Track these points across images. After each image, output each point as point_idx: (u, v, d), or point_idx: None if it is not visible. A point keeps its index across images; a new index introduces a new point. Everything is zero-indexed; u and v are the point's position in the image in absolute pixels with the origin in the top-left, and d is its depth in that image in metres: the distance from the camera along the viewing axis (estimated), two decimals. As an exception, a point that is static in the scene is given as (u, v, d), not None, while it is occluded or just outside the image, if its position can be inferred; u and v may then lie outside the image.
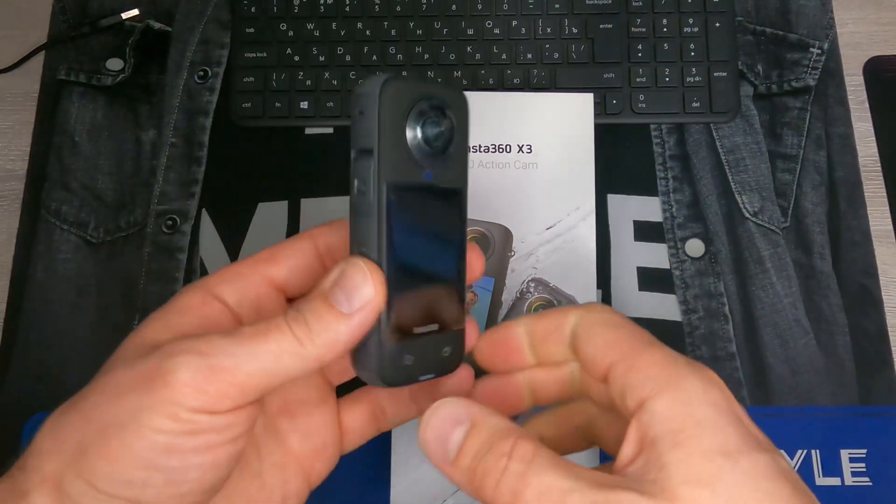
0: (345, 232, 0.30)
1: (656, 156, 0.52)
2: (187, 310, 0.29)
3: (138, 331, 0.29)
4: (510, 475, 0.25)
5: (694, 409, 0.25)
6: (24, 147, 0.53)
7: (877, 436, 0.46)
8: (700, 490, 0.23)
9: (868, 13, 0.56)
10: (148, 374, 0.26)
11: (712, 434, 0.24)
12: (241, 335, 0.26)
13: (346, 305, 0.27)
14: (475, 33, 0.54)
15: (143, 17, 0.56)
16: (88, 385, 0.28)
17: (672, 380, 0.26)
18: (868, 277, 0.49)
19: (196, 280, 0.31)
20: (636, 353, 0.27)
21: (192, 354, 0.26)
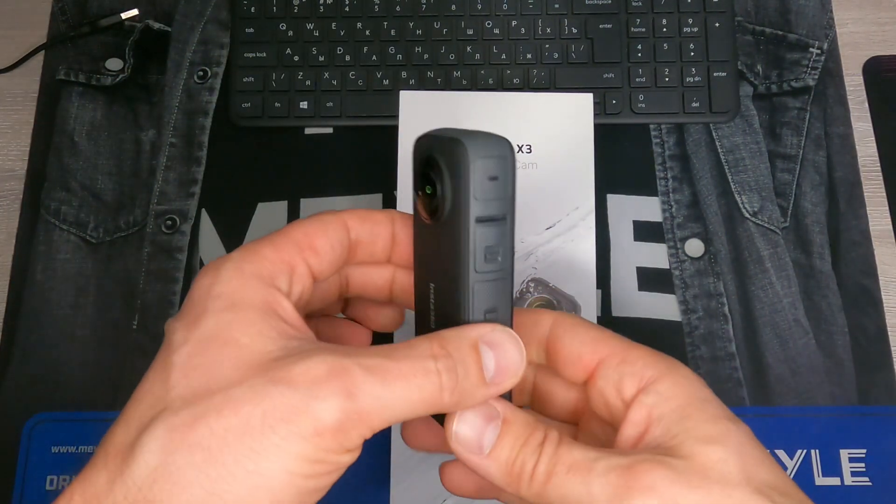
0: (380, 227, 0.30)
1: (656, 156, 0.52)
2: (267, 314, 0.26)
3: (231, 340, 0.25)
4: (545, 459, 0.26)
5: (694, 389, 0.28)
6: (23, 147, 0.53)
7: (876, 436, 0.46)
8: (713, 447, 0.25)
9: (867, 13, 0.56)
10: (290, 413, 0.23)
11: (714, 405, 0.27)
12: (387, 375, 0.25)
13: (490, 373, 0.27)
14: (475, 33, 0.54)
15: (142, 17, 0.56)
16: (188, 405, 0.24)
17: (668, 368, 0.28)
18: (867, 277, 0.49)
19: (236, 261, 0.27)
20: (625, 348, 0.29)
21: (342, 397, 0.24)
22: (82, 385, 0.48)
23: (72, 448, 0.46)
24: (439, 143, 0.27)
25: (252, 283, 0.26)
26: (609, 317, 0.48)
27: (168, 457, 0.23)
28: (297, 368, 0.24)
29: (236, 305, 0.26)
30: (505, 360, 0.27)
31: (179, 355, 0.25)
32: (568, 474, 0.25)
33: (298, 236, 0.29)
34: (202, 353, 0.25)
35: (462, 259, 0.27)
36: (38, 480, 0.45)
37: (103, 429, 0.25)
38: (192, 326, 0.26)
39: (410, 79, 0.53)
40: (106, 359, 0.48)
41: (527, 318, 0.31)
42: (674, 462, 0.25)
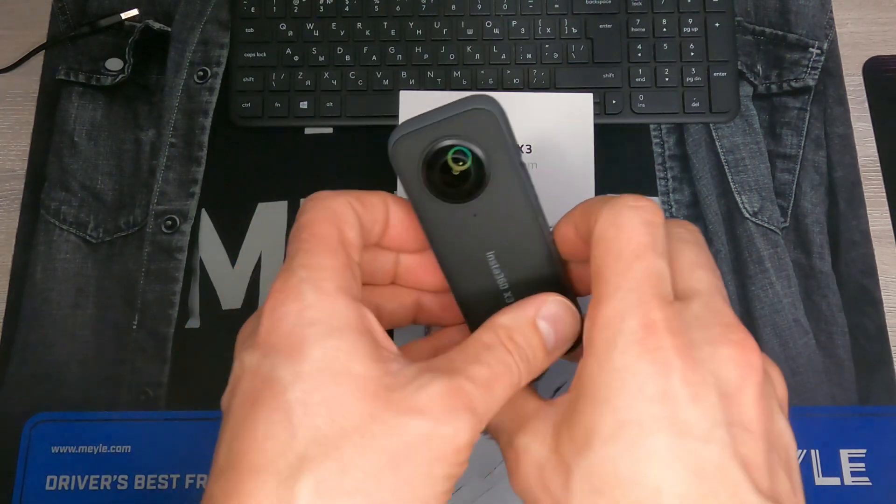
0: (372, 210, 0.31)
1: (656, 156, 0.52)
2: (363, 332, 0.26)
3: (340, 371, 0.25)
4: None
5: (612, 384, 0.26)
6: (23, 147, 0.53)
7: (876, 436, 0.46)
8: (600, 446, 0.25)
9: (867, 13, 0.56)
10: (430, 440, 0.24)
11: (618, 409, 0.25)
12: (490, 384, 0.26)
13: (551, 343, 0.28)
14: (475, 33, 0.54)
15: (142, 17, 0.56)
16: (324, 450, 0.23)
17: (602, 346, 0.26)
18: (867, 277, 0.49)
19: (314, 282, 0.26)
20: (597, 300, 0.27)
21: (470, 415, 0.25)
22: (82, 385, 0.48)
23: (72, 448, 0.46)
24: (448, 125, 0.28)
25: (340, 302, 0.26)
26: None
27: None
28: (419, 398, 0.25)
29: (337, 331, 0.25)
30: (562, 330, 0.29)
31: (295, 393, 0.24)
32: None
33: (329, 233, 0.28)
34: (319, 388, 0.24)
35: (531, 209, 0.29)
36: (38, 480, 0.45)
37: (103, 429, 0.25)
38: (297, 359, 0.25)
39: (410, 79, 0.53)
40: (106, 359, 0.48)
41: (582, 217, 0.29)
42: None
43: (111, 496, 0.45)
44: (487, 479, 0.43)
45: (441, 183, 0.29)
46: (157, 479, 0.45)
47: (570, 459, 0.25)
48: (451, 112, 0.28)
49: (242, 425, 0.24)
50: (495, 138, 0.28)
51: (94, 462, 0.46)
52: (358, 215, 0.30)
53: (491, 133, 0.28)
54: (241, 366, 0.26)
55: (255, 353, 0.25)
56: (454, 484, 0.25)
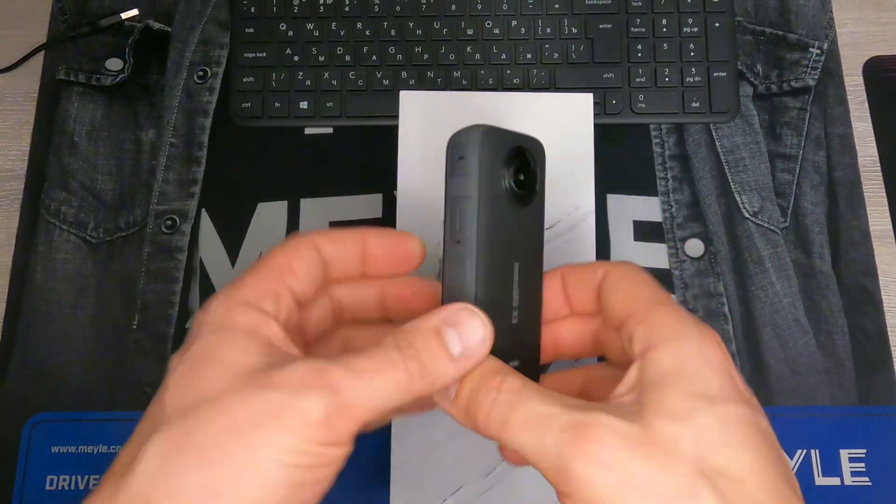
0: (347, 245, 0.32)
1: (656, 156, 0.52)
2: (252, 333, 0.28)
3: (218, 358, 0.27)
4: (499, 405, 0.27)
5: (685, 361, 0.27)
6: (23, 147, 0.53)
7: (876, 436, 0.46)
8: (672, 423, 0.25)
9: (867, 13, 0.56)
10: (278, 410, 0.25)
11: (696, 381, 0.26)
12: (360, 370, 0.27)
13: (457, 349, 0.28)
14: (475, 33, 0.54)
15: (142, 17, 0.56)
16: (182, 417, 0.26)
17: (673, 335, 0.28)
18: (867, 277, 0.49)
19: (225, 294, 0.29)
20: (651, 308, 0.29)
21: (325, 391, 0.26)
22: (82, 385, 0.48)
23: (72, 448, 0.46)
24: (518, 137, 0.31)
25: (237, 309, 0.29)
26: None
27: (165, 462, 0.25)
28: (279, 374, 0.26)
29: (221, 328, 0.28)
30: (469, 337, 0.28)
31: (172, 377, 0.27)
32: (524, 424, 0.26)
33: (276, 262, 0.31)
34: (190, 371, 0.27)
35: (541, 233, 0.33)
36: (38, 480, 0.45)
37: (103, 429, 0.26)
38: (184, 352, 0.28)
39: (410, 79, 0.53)
40: (106, 359, 0.48)
41: (585, 270, 0.33)
42: (628, 428, 0.25)
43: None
44: (487, 478, 0.43)
45: (512, 180, 0.31)
46: (157, 479, 0.45)
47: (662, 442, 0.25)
48: (514, 130, 0.32)
49: None
50: (542, 165, 0.32)
51: (94, 462, 0.46)
52: (320, 249, 0.32)
53: (540, 160, 0.32)
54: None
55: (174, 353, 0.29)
56: (303, 464, 0.25)
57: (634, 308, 0.29)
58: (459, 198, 0.30)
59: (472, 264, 0.30)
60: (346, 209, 0.51)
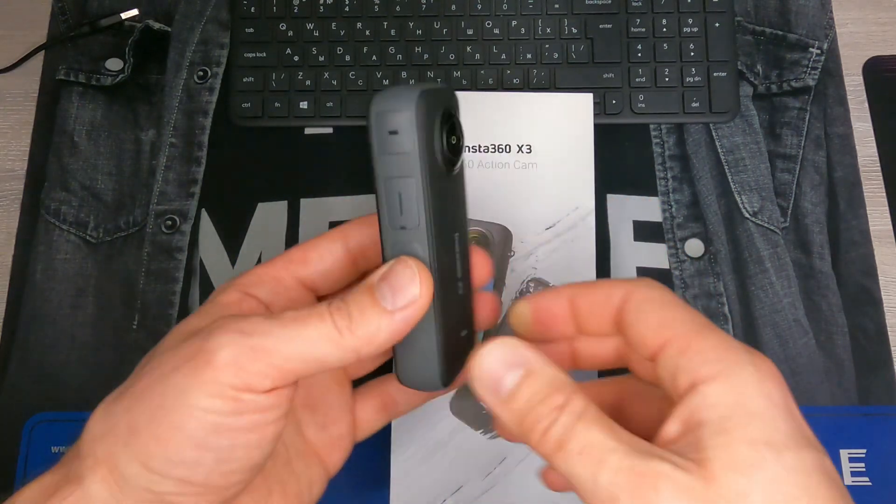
0: (372, 227, 0.31)
1: (656, 156, 0.52)
2: (225, 306, 0.30)
3: (179, 325, 0.30)
4: (559, 426, 0.25)
5: (746, 398, 0.25)
6: (23, 147, 0.53)
7: (876, 436, 0.46)
8: (738, 476, 0.23)
9: (867, 13, 0.56)
10: (191, 354, 0.26)
11: (761, 425, 0.24)
12: (283, 318, 0.27)
13: (390, 302, 0.27)
14: (475, 33, 0.54)
15: (142, 17, 0.56)
16: (135, 372, 0.28)
17: (727, 366, 0.25)
18: (867, 277, 0.49)
19: (229, 280, 0.32)
20: (692, 335, 0.26)
21: (234, 333, 0.26)
22: (82, 385, 0.48)
23: (72, 448, 0.46)
24: (441, 92, 0.28)
25: (226, 290, 0.31)
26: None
27: (108, 407, 0.27)
28: (205, 327, 0.27)
29: (204, 307, 0.30)
30: (403, 290, 0.27)
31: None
32: (579, 455, 0.24)
33: (293, 253, 0.32)
34: (166, 342, 0.29)
35: (465, 192, 0.30)
36: (38, 480, 0.45)
37: None
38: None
39: (410, 79, 0.53)
40: (106, 359, 0.48)
41: (599, 292, 0.29)
42: (691, 482, 0.23)
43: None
44: (487, 478, 0.43)
45: (447, 148, 0.28)
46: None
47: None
48: (435, 85, 0.28)
49: None
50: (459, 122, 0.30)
51: (94, 462, 0.46)
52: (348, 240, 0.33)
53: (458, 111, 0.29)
54: None
55: None
56: (220, 409, 0.26)
57: (672, 335, 0.26)
58: (397, 179, 0.27)
59: (425, 251, 0.28)
60: (346, 209, 0.51)
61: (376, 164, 0.28)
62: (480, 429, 0.44)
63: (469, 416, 0.44)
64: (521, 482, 0.43)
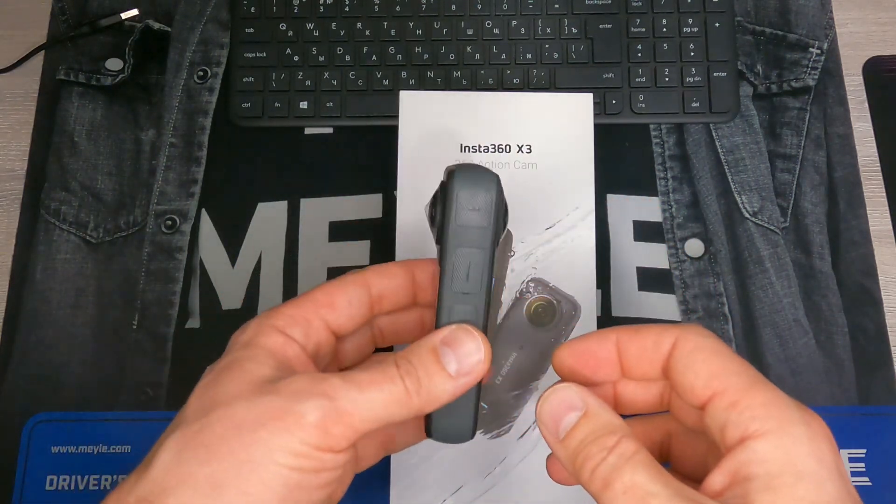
0: (399, 279, 0.34)
1: (656, 156, 0.52)
2: (275, 352, 0.31)
3: (232, 367, 0.30)
4: (607, 465, 0.26)
5: (796, 458, 0.25)
6: (23, 147, 0.53)
7: (876, 436, 0.46)
8: None
9: (867, 13, 0.56)
10: (277, 413, 0.28)
11: (809, 485, 0.24)
12: (360, 382, 0.29)
13: (453, 367, 0.30)
14: (475, 33, 0.54)
15: (142, 17, 0.56)
16: (194, 412, 0.29)
17: (778, 424, 0.26)
18: (867, 277, 0.49)
19: (261, 318, 0.32)
20: (743, 389, 0.27)
21: (322, 398, 0.28)
22: (82, 385, 0.48)
23: (72, 448, 0.46)
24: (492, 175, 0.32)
25: (267, 331, 0.31)
26: (609, 317, 0.48)
27: (178, 455, 0.27)
28: (283, 383, 0.29)
29: (249, 345, 0.31)
30: (466, 356, 0.30)
31: (199, 385, 0.30)
32: (623, 494, 0.25)
33: (319, 296, 0.33)
34: (215, 380, 0.30)
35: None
36: (38, 480, 0.45)
37: (103, 429, 0.28)
38: (214, 364, 0.31)
39: (410, 79, 0.53)
40: (106, 359, 0.48)
41: (648, 338, 0.30)
42: None
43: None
44: (487, 478, 0.43)
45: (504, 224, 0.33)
46: (157, 479, 0.45)
47: None
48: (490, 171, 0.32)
49: None
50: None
51: (94, 462, 0.46)
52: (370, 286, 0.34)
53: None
54: None
55: None
56: (299, 466, 0.27)
57: (722, 387, 0.27)
58: (469, 249, 0.31)
59: (480, 317, 0.31)
60: (346, 209, 0.51)
61: (450, 233, 0.31)
62: (481, 429, 0.44)
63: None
64: (521, 482, 0.43)
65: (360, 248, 0.50)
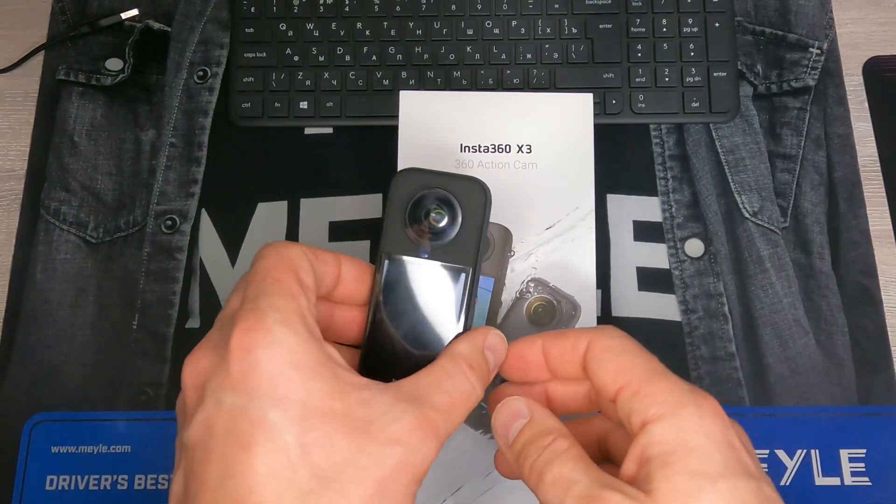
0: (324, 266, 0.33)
1: (656, 156, 0.52)
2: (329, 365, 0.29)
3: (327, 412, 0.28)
4: (541, 461, 0.30)
5: (687, 435, 0.28)
6: (23, 147, 0.53)
7: (876, 436, 0.46)
8: None
9: (867, 13, 0.56)
10: (406, 468, 0.29)
11: (698, 458, 0.27)
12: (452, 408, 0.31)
13: (493, 366, 0.34)
14: (475, 33, 0.54)
15: (142, 17, 0.56)
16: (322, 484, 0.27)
17: (671, 407, 0.29)
18: (867, 277, 0.49)
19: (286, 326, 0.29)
20: (643, 380, 0.30)
21: (435, 441, 0.30)
22: (82, 385, 0.48)
23: (72, 448, 0.46)
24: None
25: (314, 346, 0.29)
26: (609, 317, 0.48)
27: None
28: (395, 429, 0.28)
29: (315, 373, 0.28)
30: (499, 355, 0.34)
31: (291, 435, 0.27)
32: (552, 484, 0.29)
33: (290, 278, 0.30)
34: (311, 430, 0.27)
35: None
36: (38, 480, 0.45)
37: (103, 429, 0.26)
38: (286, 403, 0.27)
39: (410, 79, 0.53)
40: (106, 359, 0.48)
41: (566, 341, 0.33)
42: None
43: (111, 496, 0.45)
44: (487, 479, 0.43)
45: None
46: (157, 479, 0.45)
47: None
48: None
49: (236, 465, 0.26)
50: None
51: (94, 462, 0.46)
52: (312, 265, 0.32)
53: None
54: (217, 405, 0.27)
55: (235, 394, 0.27)
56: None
57: (627, 380, 0.30)
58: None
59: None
60: (346, 209, 0.51)
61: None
62: (480, 429, 0.44)
63: (470, 417, 0.44)
64: (521, 482, 0.43)
65: (360, 248, 0.50)
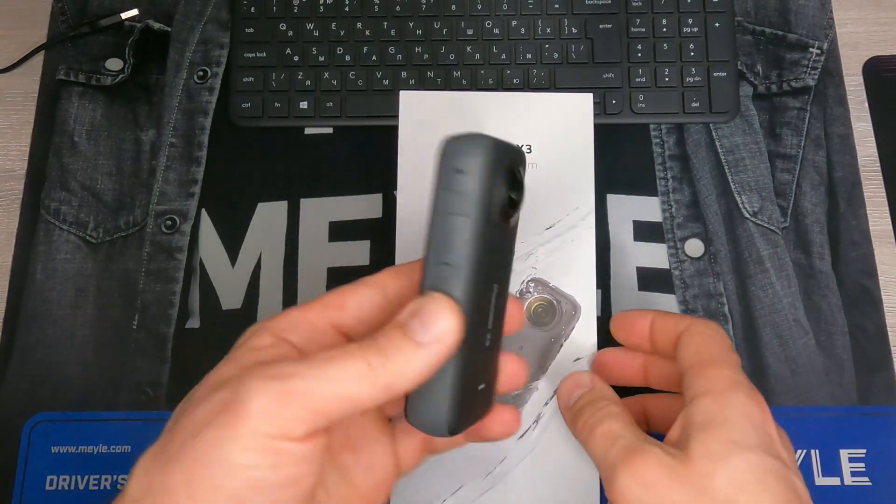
0: (413, 278, 0.31)
1: (656, 156, 0.52)
2: (258, 351, 0.29)
3: (209, 374, 0.29)
4: (594, 419, 0.35)
5: (729, 412, 0.31)
6: (23, 147, 0.53)
7: (876, 436, 0.46)
8: (708, 462, 0.30)
9: (867, 13, 0.56)
10: (222, 406, 0.26)
11: (735, 430, 0.31)
12: (314, 359, 0.26)
13: (421, 334, 0.27)
14: (475, 33, 0.54)
15: (142, 17, 0.56)
16: (168, 427, 0.27)
17: (723, 389, 0.32)
18: (867, 277, 0.49)
19: (260, 322, 0.31)
20: (712, 363, 0.34)
21: (265, 379, 0.26)
22: (82, 385, 0.48)
23: (72, 448, 0.46)
24: (510, 149, 0.30)
25: (259, 334, 0.30)
26: (609, 317, 0.48)
27: (144, 478, 0.27)
28: (235, 376, 0.27)
29: (236, 348, 0.30)
30: (435, 324, 0.27)
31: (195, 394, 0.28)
32: (601, 437, 0.33)
33: (329, 298, 0.31)
34: (196, 394, 0.28)
35: (513, 252, 0.33)
36: (38, 480, 0.45)
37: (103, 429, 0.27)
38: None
39: (410, 79, 0.53)
40: (106, 359, 0.48)
41: (670, 320, 0.38)
42: (670, 460, 0.31)
43: (111, 496, 0.45)
44: (487, 478, 0.43)
45: (507, 199, 0.29)
46: (157, 479, 0.45)
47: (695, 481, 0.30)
48: (508, 143, 0.30)
49: None
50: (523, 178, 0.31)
51: (94, 462, 0.46)
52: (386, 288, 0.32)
53: (523, 173, 0.31)
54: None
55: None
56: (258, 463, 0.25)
57: (698, 361, 0.34)
58: (453, 216, 0.28)
59: (461, 291, 0.28)
60: (346, 209, 0.51)
61: (437, 198, 0.28)
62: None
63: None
64: (521, 482, 0.43)
65: (360, 248, 0.50)
